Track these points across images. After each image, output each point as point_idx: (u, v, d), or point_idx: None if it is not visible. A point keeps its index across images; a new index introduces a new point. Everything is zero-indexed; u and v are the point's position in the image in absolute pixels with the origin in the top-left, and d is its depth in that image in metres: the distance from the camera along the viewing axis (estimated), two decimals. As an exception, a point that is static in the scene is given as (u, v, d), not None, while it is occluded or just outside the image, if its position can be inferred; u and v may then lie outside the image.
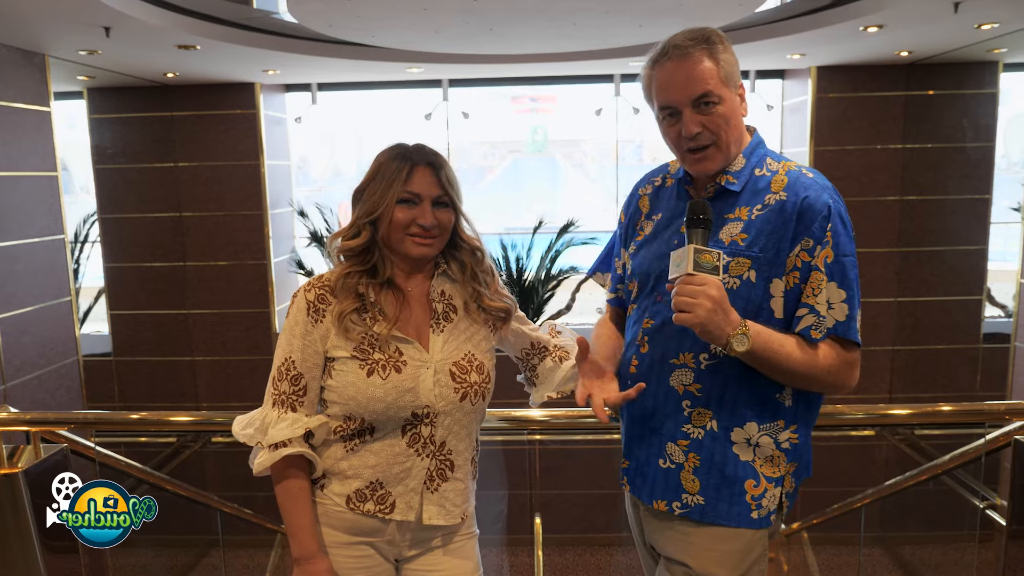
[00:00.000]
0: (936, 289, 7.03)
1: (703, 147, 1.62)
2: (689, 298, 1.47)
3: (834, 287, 1.56)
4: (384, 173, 1.66)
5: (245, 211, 7.19)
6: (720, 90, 1.59)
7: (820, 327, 1.56)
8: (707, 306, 1.46)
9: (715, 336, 1.49)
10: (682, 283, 1.49)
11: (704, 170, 1.65)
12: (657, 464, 1.68)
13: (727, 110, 1.61)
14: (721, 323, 1.48)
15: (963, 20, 4.94)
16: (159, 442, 4.49)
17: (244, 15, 5.29)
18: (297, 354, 1.65)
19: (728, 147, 1.63)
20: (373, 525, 1.68)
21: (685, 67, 1.59)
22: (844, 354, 1.59)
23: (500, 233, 7.95)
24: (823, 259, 1.56)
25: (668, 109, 1.63)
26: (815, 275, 1.56)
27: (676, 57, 1.59)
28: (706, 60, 1.58)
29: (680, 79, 1.59)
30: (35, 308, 5.28)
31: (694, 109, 1.60)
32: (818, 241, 1.56)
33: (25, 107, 5.20)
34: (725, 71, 1.60)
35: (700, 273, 1.48)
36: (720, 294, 1.48)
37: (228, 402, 7.33)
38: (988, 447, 2.56)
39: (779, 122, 7.55)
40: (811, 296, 1.57)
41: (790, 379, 1.59)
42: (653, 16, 5.05)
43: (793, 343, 1.56)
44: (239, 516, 3.82)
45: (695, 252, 1.49)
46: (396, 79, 7.49)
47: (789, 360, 1.54)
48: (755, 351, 1.52)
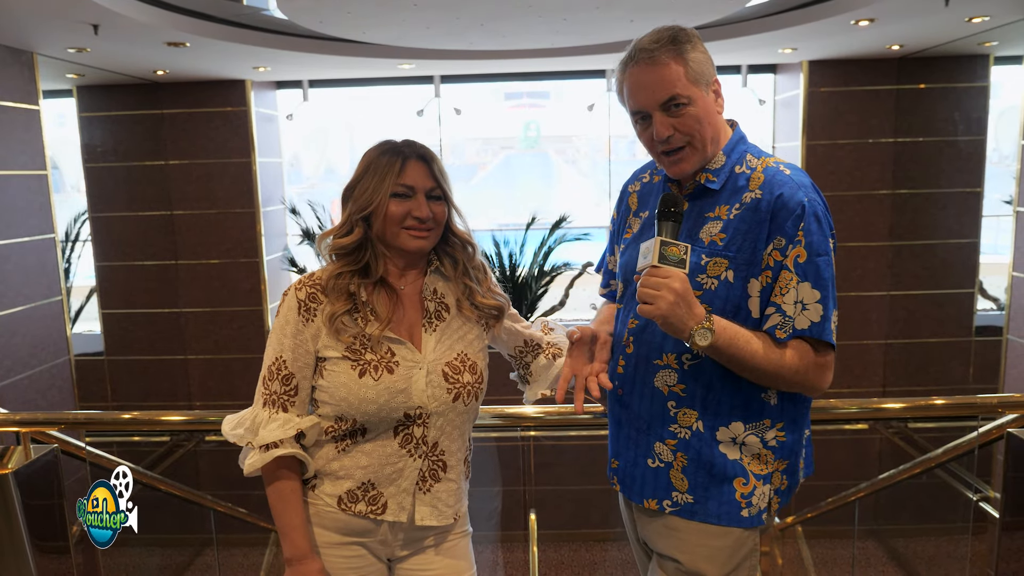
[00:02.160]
0: (928, 283, 7.05)
1: (677, 148, 1.61)
2: (652, 290, 1.46)
3: (807, 287, 1.53)
4: (375, 168, 1.65)
5: (237, 209, 7.17)
6: (689, 91, 1.57)
7: (786, 327, 1.54)
8: (669, 299, 1.45)
9: (677, 329, 1.48)
10: (647, 275, 1.48)
11: (681, 172, 1.64)
12: (646, 464, 1.67)
13: (699, 110, 1.59)
14: (683, 316, 1.46)
15: (954, 14, 4.95)
16: (152, 441, 4.47)
17: (234, 12, 5.26)
18: (288, 353, 1.63)
19: (704, 147, 1.61)
20: (365, 525, 1.67)
21: (652, 71, 1.57)
22: (814, 356, 1.56)
23: (493, 229, 7.94)
24: (794, 258, 1.53)
25: (639, 113, 1.63)
26: (784, 274, 1.54)
27: (643, 61, 1.58)
28: (672, 63, 1.56)
29: (647, 83, 1.58)
30: (26, 308, 5.25)
31: (664, 112, 1.58)
32: (790, 240, 1.53)
33: (14, 105, 5.17)
34: (694, 70, 1.57)
35: (664, 266, 1.48)
36: (684, 287, 1.46)
37: (221, 401, 7.31)
38: (981, 440, 2.57)
39: (771, 116, 7.56)
40: (779, 295, 1.54)
41: (757, 377, 1.57)
42: (644, 11, 5.04)
43: (760, 341, 1.54)
44: (233, 515, 3.81)
45: (661, 244, 1.49)
46: (387, 75, 7.47)
47: (754, 358, 1.53)
48: (719, 346, 1.50)
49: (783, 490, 1.66)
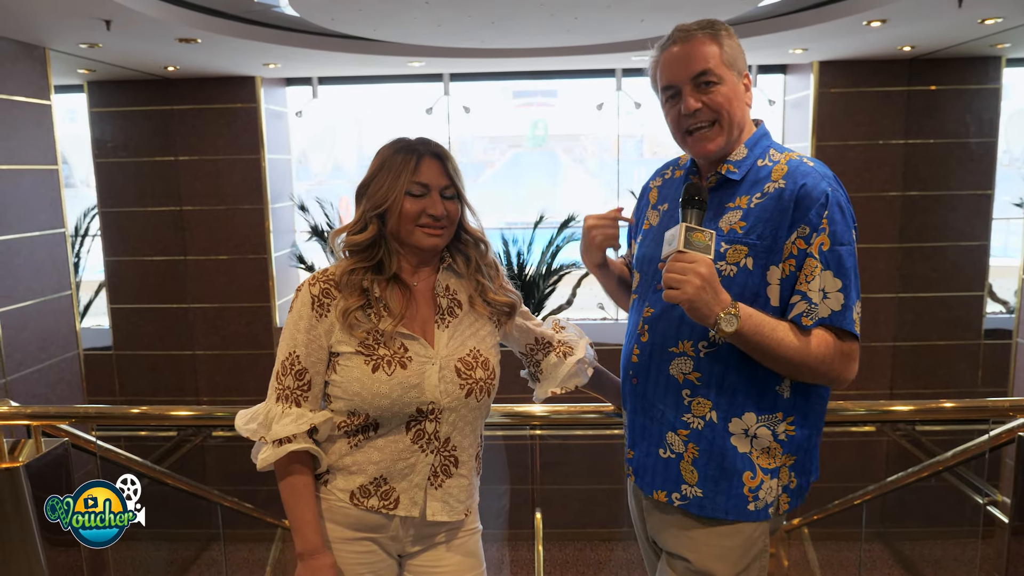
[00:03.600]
0: (938, 285, 7.02)
1: (701, 127, 1.63)
2: (678, 275, 1.47)
3: (829, 276, 1.54)
4: (390, 166, 1.65)
5: (246, 205, 7.19)
6: (721, 70, 1.60)
7: (812, 314, 1.54)
8: (696, 283, 1.45)
9: (703, 315, 1.48)
10: (672, 260, 1.49)
11: (705, 151, 1.65)
12: (657, 454, 1.68)
13: (729, 91, 1.61)
14: (710, 301, 1.47)
15: (966, 15, 4.93)
16: (159, 436, 4.49)
17: (245, 8, 5.27)
18: (301, 349, 1.64)
19: (730, 127, 1.63)
20: (377, 521, 1.68)
21: (687, 47, 1.61)
22: (839, 344, 1.56)
23: (501, 228, 7.94)
24: (818, 246, 1.53)
25: (670, 90, 1.65)
26: (809, 262, 1.54)
27: (680, 40, 1.62)
28: (708, 42, 1.61)
29: (682, 56, 1.62)
30: (36, 302, 5.28)
31: (694, 88, 1.61)
32: (814, 228, 1.53)
33: (26, 100, 5.19)
34: (728, 55, 1.61)
35: (690, 251, 1.48)
36: (709, 272, 1.47)
37: (229, 396, 7.33)
38: (992, 443, 2.56)
39: (781, 117, 7.54)
40: (804, 283, 1.55)
41: (782, 366, 1.57)
42: (655, 11, 5.04)
43: (785, 329, 1.54)
44: (239, 510, 3.82)
45: (686, 231, 1.49)
46: (397, 73, 7.47)
47: (780, 346, 1.52)
48: (744, 333, 1.50)
49: (792, 488, 1.65)
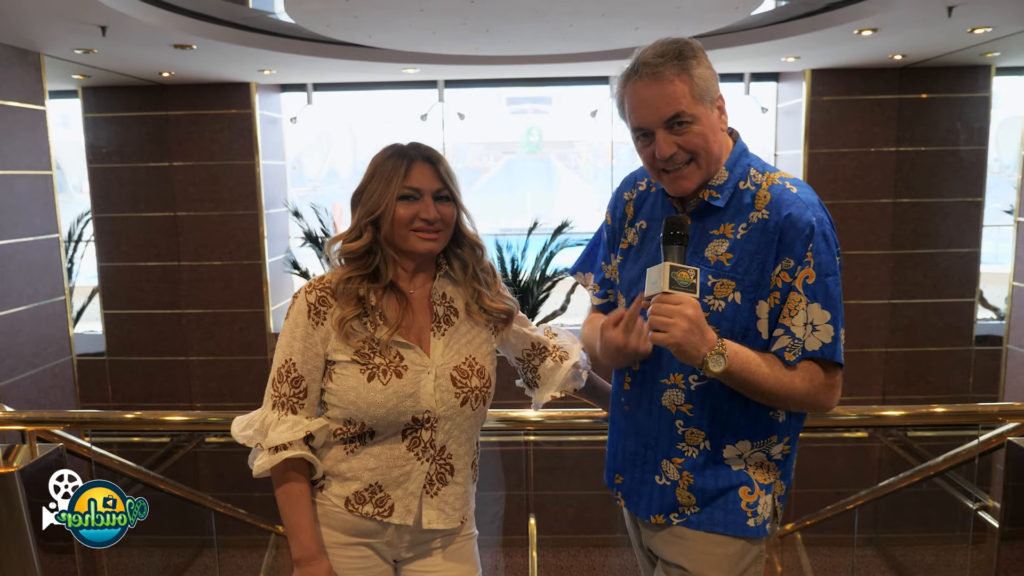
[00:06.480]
0: (929, 291, 7.06)
1: (679, 167, 1.57)
2: (665, 317, 1.43)
3: (817, 308, 1.51)
4: (382, 172, 1.66)
5: (240, 211, 7.18)
6: (694, 109, 1.53)
7: (795, 349, 1.52)
8: (683, 326, 1.42)
9: (691, 356, 1.45)
10: (657, 302, 1.45)
11: (681, 189, 1.59)
12: (653, 481, 1.67)
13: (704, 127, 1.54)
14: (697, 343, 1.44)
15: (957, 24, 4.97)
16: (153, 442, 4.48)
17: (241, 15, 5.28)
18: (298, 356, 1.64)
19: (708, 163, 1.57)
20: (372, 527, 1.68)
21: (655, 88, 1.52)
22: (824, 377, 1.55)
23: (495, 234, 7.95)
24: (803, 279, 1.51)
25: (641, 130, 1.58)
26: (793, 296, 1.52)
27: (646, 76, 1.53)
28: (677, 80, 1.51)
29: (651, 99, 1.53)
30: (29, 307, 5.26)
31: (667, 130, 1.54)
32: (799, 261, 1.51)
33: (20, 106, 5.18)
34: (699, 87, 1.53)
35: (676, 292, 1.45)
36: (696, 313, 1.44)
37: (222, 402, 7.32)
38: (981, 448, 2.58)
39: (773, 124, 7.57)
40: (787, 317, 1.52)
41: (769, 400, 1.56)
42: (649, 18, 5.06)
43: (771, 364, 1.52)
44: (233, 516, 3.81)
45: (671, 270, 1.45)
46: (392, 80, 7.49)
47: (766, 382, 1.51)
48: (732, 371, 1.48)
49: (782, 495, 1.68)
